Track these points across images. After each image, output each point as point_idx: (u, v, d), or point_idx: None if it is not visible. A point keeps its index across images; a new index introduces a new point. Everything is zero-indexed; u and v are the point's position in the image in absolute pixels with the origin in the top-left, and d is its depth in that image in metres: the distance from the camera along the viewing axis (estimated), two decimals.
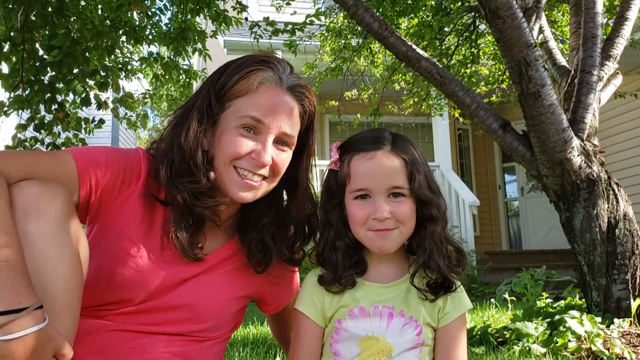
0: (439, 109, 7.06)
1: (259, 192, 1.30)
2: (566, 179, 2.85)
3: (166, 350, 1.25)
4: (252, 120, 1.25)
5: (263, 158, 1.25)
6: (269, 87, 1.28)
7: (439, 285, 1.29)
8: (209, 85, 1.31)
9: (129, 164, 1.26)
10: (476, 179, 10.46)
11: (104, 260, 1.22)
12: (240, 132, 1.25)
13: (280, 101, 1.28)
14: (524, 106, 2.79)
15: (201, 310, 1.30)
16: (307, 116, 1.38)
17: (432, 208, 1.29)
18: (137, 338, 1.23)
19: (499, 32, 2.64)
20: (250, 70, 1.28)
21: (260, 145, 1.26)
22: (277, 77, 1.30)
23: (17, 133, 4.50)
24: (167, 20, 5.44)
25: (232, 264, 1.37)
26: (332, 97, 7.01)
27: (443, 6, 5.71)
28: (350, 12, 3.11)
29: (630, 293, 2.75)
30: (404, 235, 1.28)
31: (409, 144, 1.33)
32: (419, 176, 1.27)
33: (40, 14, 4.07)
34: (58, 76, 4.24)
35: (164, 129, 1.34)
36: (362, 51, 6.19)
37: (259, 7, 8.60)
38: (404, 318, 1.28)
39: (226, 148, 1.25)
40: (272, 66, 1.30)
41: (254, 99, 1.26)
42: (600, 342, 2.44)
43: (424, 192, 1.27)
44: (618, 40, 3.35)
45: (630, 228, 2.81)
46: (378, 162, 1.27)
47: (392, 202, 1.26)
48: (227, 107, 1.27)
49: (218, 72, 1.33)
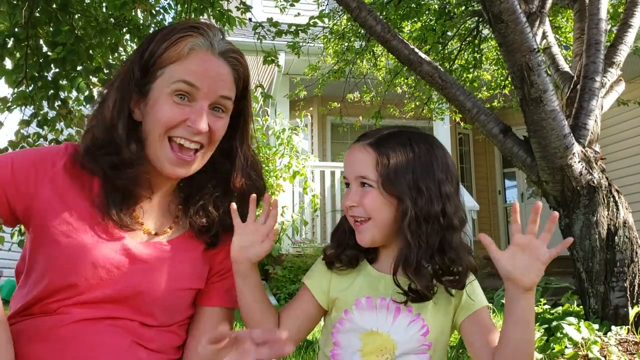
0: (440, 113, 7.07)
1: (193, 166, 1.26)
2: (566, 185, 2.85)
3: (126, 339, 1.20)
4: (185, 85, 1.20)
5: (199, 125, 1.21)
6: (201, 53, 1.23)
7: (413, 290, 1.22)
8: (134, 55, 1.26)
9: (40, 154, 1.23)
10: (476, 183, 10.46)
11: (46, 252, 1.19)
12: (174, 99, 1.21)
13: (212, 66, 1.24)
14: (525, 111, 2.79)
15: (152, 300, 1.25)
16: (242, 82, 1.32)
17: (403, 203, 1.23)
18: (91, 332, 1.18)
19: (502, 37, 2.64)
20: (180, 36, 1.23)
21: (196, 112, 1.21)
22: (209, 43, 1.25)
23: (20, 129, 4.50)
24: (171, 19, 5.45)
25: (186, 252, 1.31)
26: (335, 99, 7.02)
27: (446, 10, 5.72)
28: (353, 15, 3.12)
29: (628, 300, 2.75)
30: (378, 228, 1.25)
31: (400, 141, 1.28)
32: (387, 169, 1.23)
33: (45, 10, 4.07)
34: (61, 73, 4.25)
35: (93, 109, 1.29)
36: (364, 54, 6.20)
37: (263, 8, 8.61)
38: (411, 314, 1.25)
39: (159, 116, 1.20)
40: (202, 32, 1.25)
41: (186, 65, 1.21)
42: (597, 349, 2.44)
43: (392, 184, 1.23)
44: (621, 47, 3.35)
45: (629, 236, 2.81)
46: (352, 152, 1.30)
47: (361, 191, 1.26)
48: (159, 76, 1.22)
49: (145, 41, 1.27)
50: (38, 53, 4.23)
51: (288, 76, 8.30)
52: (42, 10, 4.09)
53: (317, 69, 6.71)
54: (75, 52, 4.04)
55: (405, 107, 7.11)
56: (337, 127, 8.27)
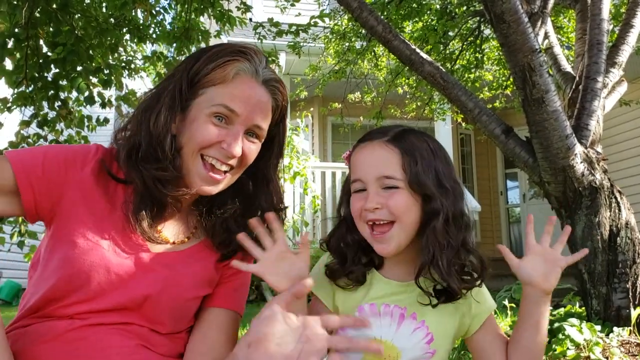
0: (442, 114, 7.05)
1: (220, 185, 1.28)
2: (568, 186, 2.83)
3: (135, 342, 1.21)
4: (225, 110, 1.22)
5: (233, 149, 1.23)
6: (245, 79, 1.26)
7: (441, 291, 1.22)
8: (182, 71, 1.28)
9: (71, 152, 1.23)
10: (478, 184, 10.44)
11: (64, 253, 1.19)
12: (212, 120, 1.23)
13: (254, 93, 1.26)
14: (527, 112, 2.78)
15: (163, 308, 1.26)
16: (279, 110, 1.35)
17: (433, 202, 1.19)
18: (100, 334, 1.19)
19: (504, 37, 2.62)
20: (227, 60, 1.25)
21: (232, 135, 1.23)
22: (254, 69, 1.27)
23: (20, 129, 4.50)
24: (171, 19, 5.44)
25: (200, 262, 1.33)
26: (335, 100, 7.01)
27: (448, 10, 5.71)
28: (354, 15, 3.11)
29: (630, 302, 2.73)
30: (405, 231, 1.20)
31: (414, 137, 1.24)
32: (416, 167, 1.19)
33: (45, 10, 4.07)
34: (62, 73, 4.24)
35: (131, 115, 1.30)
36: (365, 54, 6.19)
37: (264, 8, 8.60)
38: (415, 321, 1.23)
39: (196, 135, 1.22)
40: (249, 57, 1.27)
41: (229, 89, 1.24)
42: (599, 351, 2.42)
43: (425, 184, 1.18)
44: (623, 48, 3.34)
45: (631, 237, 2.79)
46: (370, 150, 1.22)
47: (384, 192, 1.19)
48: (200, 95, 1.25)
49: (193, 57, 1.30)
50: (38, 53, 4.22)
51: (289, 76, 8.29)
52: (42, 11, 4.09)
53: (318, 69, 6.70)
54: (75, 53, 4.04)
55: (407, 108, 7.10)
56: (338, 127, 8.26)
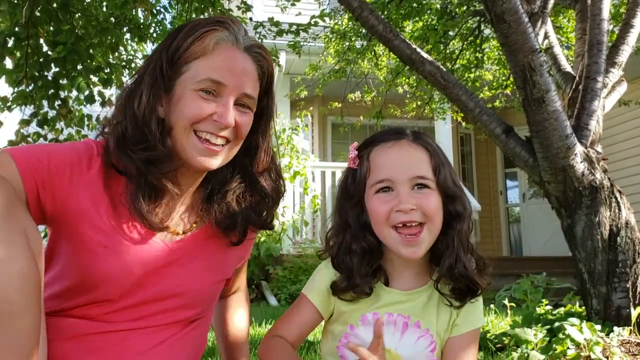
0: (442, 113, 7.05)
1: (221, 157, 1.25)
2: (569, 185, 2.84)
3: (157, 343, 1.22)
4: (211, 83, 1.20)
5: (226, 119, 1.20)
6: (226, 47, 1.23)
7: (464, 291, 1.20)
8: (161, 50, 1.24)
9: (76, 154, 1.20)
10: (478, 184, 10.44)
11: (79, 260, 1.17)
12: (200, 94, 1.20)
13: (238, 62, 1.23)
14: (527, 111, 2.78)
15: (191, 297, 1.27)
16: (266, 78, 1.31)
17: (458, 204, 1.19)
18: (128, 337, 1.20)
19: (504, 37, 2.62)
20: (205, 30, 1.22)
21: (222, 106, 1.20)
22: (234, 37, 1.24)
23: (20, 128, 4.50)
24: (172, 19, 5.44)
25: (212, 245, 1.33)
26: (336, 99, 7.01)
27: (448, 10, 5.71)
28: (355, 14, 3.11)
29: (630, 301, 2.73)
30: (432, 234, 1.18)
31: (429, 139, 1.25)
32: (443, 169, 1.18)
33: (45, 9, 4.06)
34: (62, 72, 4.24)
35: (115, 105, 1.27)
36: (366, 53, 6.19)
37: (264, 7, 8.59)
38: (419, 329, 1.21)
39: (186, 112, 1.19)
40: (227, 26, 1.24)
41: (211, 61, 1.20)
42: (599, 350, 2.42)
43: (450, 185, 1.18)
44: (623, 48, 3.33)
45: (632, 236, 2.79)
46: (401, 150, 1.18)
47: (417, 193, 1.15)
48: (184, 72, 1.21)
49: (170, 36, 1.26)
50: (38, 52, 4.23)
51: (289, 76, 8.29)
52: (42, 10, 4.09)
53: (318, 68, 6.70)
54: (75, 52, 4.04)
55: (407, 107, 7.10)
56: (338, 127, 8.26)
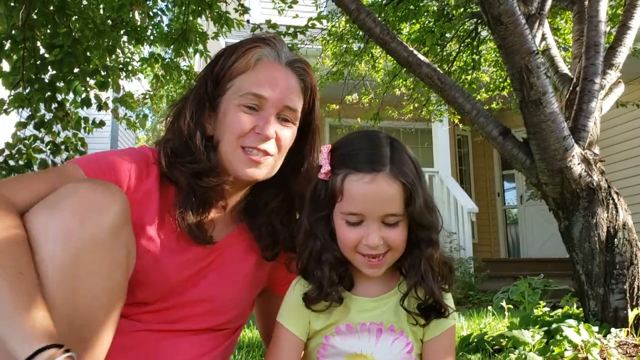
0: (439, 115, 7.05)
1: (265, 168, 1.28)
2: (566, 187, 2.84)
3: (191, 351, 1.25)
4: (253, 97, 1.24)
5: (266, 131, 1.23)
6: (268, 63, 1.27)
7: (429, 308, 1.22)
8: (206, 72, 1.30)
9: (135, 164, 1.25)
10: (475, 185, 10.45)
11: None
12: (243, 109, 1.24)
13: (280, 75, 1.27)
14: (524, 113, 2.78)
15: (224, 302, 1.30)
16: (309, 93, 1.36)
17: (431, 232, 1.21)
18: (163, 338, 1.23)
19: (501, 39, 2.63)
20: (248, 47, 1.27)
21: (263, 119, 1.24)
22: (275, 53, 1.28)
23: (17, 131, 4.49)
24: (169, 21, 5.44)
25: (243, 249, 1.35)
26: (333, 101, 7.01)
27: (445, 12, 5.72)
28: (352, 17, 3.11)
29: (627, 303, 2.73)
30: (394, 257, 1.21)
31: (407, 159, 1.21)
32: (418, 200, 1.17)
33: (42, 12, 4.06)
34: (58, 75, 4.24)
35: (165, 123, 1.34)
36: (363, 56, 6.20)
37: (261, 10, 8.60)
38: (393, 333, 1.23)
39: (231, 127, 1.24)
40: (269, 42, 1.29)
41: (253, 76, 1.25)
42: (596, 352, 2.42)
43: (423, 216, 1.19)
44: (620, 49, 3.34)
45: (629, 238, 2.80)
46: (375, 188, 1.15)
47: (385, 228, 1.17)
48: (228, 88, 1.26)
49: (215, 57, 1.32)
50: (35, 55, 4.22)
51: None
52: (39, 12, 4.08)
53: (316, 70, 6.70)
54: (72, 55, 4.04)
55: (404, 109, 7.10)
56: (336, 129, 8.24)
